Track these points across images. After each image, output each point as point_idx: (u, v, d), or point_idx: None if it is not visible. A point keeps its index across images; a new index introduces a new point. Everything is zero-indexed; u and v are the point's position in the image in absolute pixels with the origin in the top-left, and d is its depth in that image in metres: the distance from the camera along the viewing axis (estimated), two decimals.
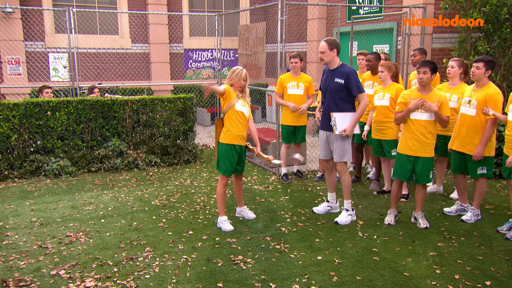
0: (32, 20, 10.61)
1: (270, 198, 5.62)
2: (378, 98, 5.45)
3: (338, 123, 4.60)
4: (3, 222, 4.77)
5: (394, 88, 5.35)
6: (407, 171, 4.57)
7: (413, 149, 4.49)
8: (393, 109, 5.33)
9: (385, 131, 5.44)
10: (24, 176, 6.39)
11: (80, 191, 5.85)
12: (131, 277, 3.59)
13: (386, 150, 5.51)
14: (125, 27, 11.70)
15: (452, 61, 5.16)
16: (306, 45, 10.85)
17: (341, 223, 4.72)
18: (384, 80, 5.40)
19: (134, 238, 4.36)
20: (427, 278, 3.56)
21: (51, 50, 10.88)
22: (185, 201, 5.47)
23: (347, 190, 4.82)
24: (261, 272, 3.67)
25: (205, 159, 7.65)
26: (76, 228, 4.61)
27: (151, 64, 11.87)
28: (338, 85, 4.62)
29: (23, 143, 6.40)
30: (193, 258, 3.92)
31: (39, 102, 6.45)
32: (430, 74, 4.35)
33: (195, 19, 12.47)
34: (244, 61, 8.57)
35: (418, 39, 7.62)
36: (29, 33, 10.63)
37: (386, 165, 5.71)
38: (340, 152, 4.72)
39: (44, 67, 10.80)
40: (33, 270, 3.70)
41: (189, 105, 7.38)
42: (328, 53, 4.61)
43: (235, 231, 4.52)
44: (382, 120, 5.43)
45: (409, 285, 3.47)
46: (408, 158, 4.54)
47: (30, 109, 6.38)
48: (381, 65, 5.40)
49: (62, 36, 10.64)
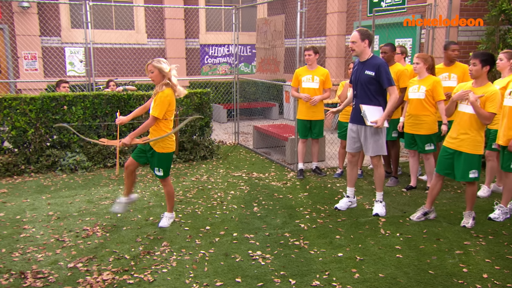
0: (49, 15, 10.79)
1: (288, 194, 5.61)
2: (413, 91, 5.39)
3: (368, 114, 4.59)
4: (20, 215, 4.87)
5: (431, 80, 5.28)
6: (446, 165, 4.48)
7: (454, 142, 4.41)
8: (429, 102, 5.28)
9: (420, 125, 5.37)
10: (41, 170, 6.51)
11: (96, 186, 5.93)
12: (148, 270, 3.62)
13: (419, 145, 5.45)
14: (141, 21, 11.81)
15: (501, 54, 5.03)
16: (326, 40, 10.79)
17: (381, 215, 4.83)
18: (420, 72, 5.33)
19: (151, 232, 4.41)
20: (454, 277, 3.51)
21: (67, 46, 11.06)
22: (201, 197, 5.50)
23: (381, 182, 4.92)
24: (280, 267, 3.67)
25: (222, 155, 7.68)
26: (93, 222, 4.67)
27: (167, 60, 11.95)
28: (368, 77, 4.62)
29: (40, 137, 6.52)
30: (210, 253, 3.94)
31: (56, 97, 6.56)
32: (480, 66, 4.23)
33: (211, 13, 12.51)
34: (262, 55, 8.56)
35: (443, 32, 7.51)
36: (45, 28, 10.82)
37: (415, 161, 5.66)
38: (375, 146, 4.75)
39: (60, 61, 10.98)
40: (51, 262, 3.77)
41: (206, 100, 7.42)
42: (359, 44, 4.62)
43: (253, 227, 4.53)
44: (417, 114, 5.36)
45: (434, 283, 3.43)
46: (447, 150, 4.46)
47: (47, 103, 6.50)
48: (416, 57, 5.33)
49: (78, 31, 10.81)
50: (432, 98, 5.29)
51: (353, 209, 5.07)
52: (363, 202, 5.28)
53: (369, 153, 4.81)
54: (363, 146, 4.86)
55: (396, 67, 5.73)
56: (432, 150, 5.47)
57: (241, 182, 6.14)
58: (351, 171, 5.05)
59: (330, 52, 10.44)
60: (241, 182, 6.14)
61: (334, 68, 10.14)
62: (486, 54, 4.28)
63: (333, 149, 7.88)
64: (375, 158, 4.87)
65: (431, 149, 5.46)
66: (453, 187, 5.82)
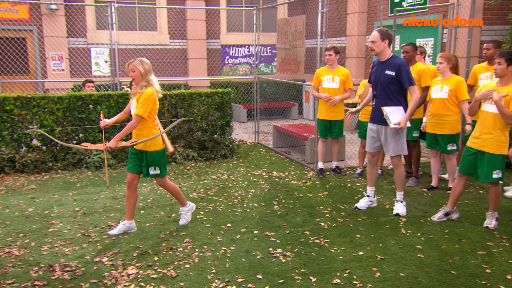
0: (75, 17, 11.00)
1: (308, 193, 5.59)
2: (435, 91, 5.30)
3: (391, 116, 4.54)
4: (48, 210, 4.98)
5: (454, 80, 5.19)
6: (469, 165, 4.39)
7: (477, 142, 4.32)
8: (452, 102, 5.19)
9: (442, 125, 5.29)
10: (67, 167, 6.63)
11: (120, 183, 6.02)
12: (171, 266, 3.66)
13: (441, 145, 5.37)
14: (163, 23, 11.93)
15: None
16: (346, 40, 10.71)
17: (402, 214, 4.77)
18: (443, 72, 5.25)
19: (173, 229, 4.44)
20: (477, 277, 3.44)
21: (93, 46, 11.25)
22: (222, 195, 5.52)
23: (401, 182, 4.86)
24: (301, 265, 3.66)
25: (242, 154, 7.70)
26: (117, 218, 4.74)
27: (188, 60, 12.05)
28: (389, 77, 4.57)
29: (66, 135, 6.65)
30: (232, 250, 3.95)
31: (82, 96, 6.68)
32: (505, 65, 4.13)
33: (232, 14, 12.55)
34: (283, 55, 8.54)
35: (466, 31, 7.36)
36: (72, 29, 11.03)
37: (437, 161, 5.59)
38: (396, 146, 4.70)
39: (86, 62, 11.18)
40: (77, 256, 3.84)
41: (227, 100, 7.45)
42: (379, 43, 4.58)
43: (273, 225, 4.53)
44: (440, 114, 5.28)
45: (456, 283, 3.36)
46: (470, 150, 4.37)
47: (73, 102, 6.62)
48: (440, 56, 5.25)
49: (103, 32, 10.98)
50: (456, 98, 5.20)
51: (373, 208, 5.01)
52: (384, 202, 5.22)
53: (390, 153, 4.75)
54: (384, 145, 4.80)
55: (417, 66, 5.65)
56: (454, 150, 5.38)
57: (261, 180, 6.14)
58: (371, 171, 5.00)
59: (350, 52, 10.36)
60: (261, 180, 6.14)
61: (354, 68, 10.06)
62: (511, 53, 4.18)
63: (353, 149, 7.81)
64: (395, 158, 4.81)
65: (453, 149, 5.37)
66: (475, 187, 5.71)
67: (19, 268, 3.62)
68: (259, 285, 3.35)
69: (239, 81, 11.82)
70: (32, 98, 6.48)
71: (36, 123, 6.49)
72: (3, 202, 5.24)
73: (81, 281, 3.42)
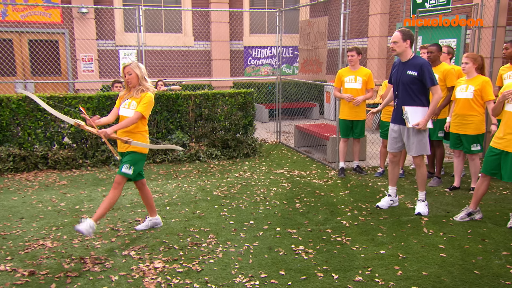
0: (105, 20, 11.22)
1: (329, 192, 5.57)
2: (460, 91, 5.22)
3: (410, 116, 4.50)
4: (79, 205, 5.11)
5: (480, 80, 5.09)
6: (493, 165, 4.30)
7: (500, 142, 4.23)
8: (477, 102, 5.10)
9: (466, 126, 5.21)
10: (96, 165, 6.78)
11: (147, 180, 6.10)
12: (196, 261, 3.71)
13: (465, 145, 5.28)
14: (188, 25, 12.05)
15: None
16: (367, 41, 10.61)
17: (424, 214, 4.71)
18: (468, 72, 5.16)
19: (198, 225, 4.50)
20: (500, 278, 3.37)
21: (121, 48, 11.46)
22: (245, 193, 5.55)
23: (423, 182, 4.81)
24: (322, 262, 3.65)
25: (264, 153, 7.72)
26: (144, 214, 4.82)
27: (212, 61, 12.15)
28: (411, 77, 4.51)
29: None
30: (255, 246, 3.98)
31: (111, 96, 6.82)
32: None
33: (255, 16, 12.59)
34: (305, 56, 8.53)
35: (490, 32, 7.21)
36: (101, 32, 11.26)
37: (460, 161, 5.50)
38: (418, 146, 4.64)
39: (114, 63, 11.40)
40: (107, 250, 3.93)
41: (249, 100, 7.49)
42: (401, 44, 4.53)
43: (295, 222, 4.53)
44: (464, 114, 5.19)
45: (480, 283, 3.31)
46: (493, 151, 4.29)
47: (103, 102, 6.77)
48: (466, 56, 5.16)
49: (131, 35, 11.18)
50: (481, 98, 5.11)
51: (394, 207, 4.96)
52: (405, 201, 5.16)
53: (412, 153, 4.70)
54: (406, 145, 4.75)
55: (442, 66, 5.56)
56: (478, 151, 5.28)
57: (283, 179, 6.15)
58: (393, 170, 4.95)
59: (372, 53, 10.26)
60: (283, 179, 6.15)
61: (376, 68, 9.96)
62: None
63: (374, 149, 7.74)
64: (417, 158, 4.74)
65: (477, 150, 5.26)
66: (498, 188, 5.58)
67: (52, 259, 3.73)
68: (282, 281, 3.37)
69: (261, 82, 11.85)
70: (64, 98, 6.65)
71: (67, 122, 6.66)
72: (37, 197, 5.40)
73: (110, 273, 3.50)
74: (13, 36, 10.64)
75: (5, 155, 6.35)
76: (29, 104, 6.51)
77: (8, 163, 6.34)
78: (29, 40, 10.76)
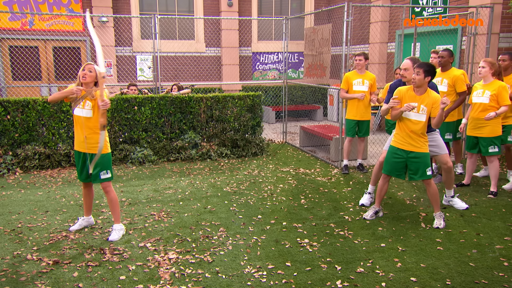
0: (123, 28, 11.29)
1: (333, 189, 5.55)
2: (477, 95, 5.07)
3: None
4: (99, 200, 5.14)
5: (496, 85, 4.93)
6: (397, 167, 4.24)
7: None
8: (493, 106, 4.94)
9: (482, 128, 5.06)
10: (114, 162, 6.82)
11: (161, 177, 6.14)
12: (208, 252, 3.71)
13: (482, 146, 5.10)
14: (200, 32, 12.09)
15: None
16: (369, 47, 10.56)
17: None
18: (485, 77, 5.01)
19: (209, 219, 4.51)
20: (494, 270, 3.34)
21: (138, 54, 11.53)
22: (253, 189, 5.55)
23: (451, 182, 4.73)
24: (326, 254, 3.64)
25: (271, 152, 7.72)
26: (159, 208, 4.84)
27: (222, 66, 12.17)
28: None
29: (114, 134, 6.84)
30: (262, 239, 3.98)
31: (128, 98, 6.85)
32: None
33: (263, 24, 12.59)
34: (310, 61, 8.51)
35: (484, 38, 7.14)
36: (120, 39, 11.33)
37: (473, 161, 5.37)
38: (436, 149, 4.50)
39: (132, 68, 11.46)
40: (125, 241, 3.95)
41: (257, 102, 7.49)
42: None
43: (300, 217, 4.52)
44: (480, 117, 5.04)
45: (474, 274, 3.28)
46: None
47: (121, 104, 6.81)
48: (483, 61, 5.00)
49: (147, 41, 11.24)
50: (497, 103, 4.94)
51: (394, 204, 4.93)
52: (404, 198, 5.12)
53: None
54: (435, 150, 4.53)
55: (452, 72, 5.45)
56: (496, 153, 5.06)
57: (289, 176, 6.14)
58: (377, 172, 4.73)
59: (373, 58, 10.21)
60: (289, 176, 6.14)
61: (376, 73, 9.91)
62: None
63: (375, 149, 7.70)
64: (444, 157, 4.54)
65: (495, 152, 5.05)
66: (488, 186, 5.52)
67: (74, 250, 3.76)
68: (288, 272, 3.36)
69: (268, 85, 11.87)
70: None
71: None
72: (60, 192, 5.45)
73: (128, 263, 3.52)
74: (39, 43, 10.74)
75: (32, 153, 6.42)
76: (53, 106, 6.56)
77: (34, 161, 6.41)
78: (54, 47, 10.85)
